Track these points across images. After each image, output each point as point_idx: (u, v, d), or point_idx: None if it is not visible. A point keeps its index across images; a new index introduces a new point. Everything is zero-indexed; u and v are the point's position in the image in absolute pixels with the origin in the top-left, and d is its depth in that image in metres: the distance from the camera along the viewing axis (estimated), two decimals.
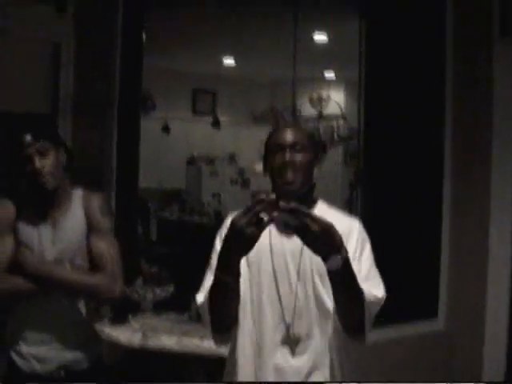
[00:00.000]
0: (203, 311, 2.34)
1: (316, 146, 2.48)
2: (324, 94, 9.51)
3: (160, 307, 4.44)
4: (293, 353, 2.34)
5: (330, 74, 10.28)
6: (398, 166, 5.09)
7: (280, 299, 2.34)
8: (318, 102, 9.43)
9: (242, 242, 2.02)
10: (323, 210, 2.39)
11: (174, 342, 3.83)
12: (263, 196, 2.02)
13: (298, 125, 2.27)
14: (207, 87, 10.89)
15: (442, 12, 5.22)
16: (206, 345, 3.72)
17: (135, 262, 2.77)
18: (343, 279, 2.08)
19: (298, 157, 2.34)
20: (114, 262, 2.71)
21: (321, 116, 9.23)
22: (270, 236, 2.35)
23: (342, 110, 9.26)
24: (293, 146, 2.35)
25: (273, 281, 2.35)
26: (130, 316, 4.13)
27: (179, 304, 4.41)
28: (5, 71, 7.82)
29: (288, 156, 2.33)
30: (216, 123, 9.48)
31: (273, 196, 2.01)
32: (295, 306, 2.33)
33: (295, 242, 2.14)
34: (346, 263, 2.03)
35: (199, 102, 11.30)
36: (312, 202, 2.45)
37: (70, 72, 4.94)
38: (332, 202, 2.52)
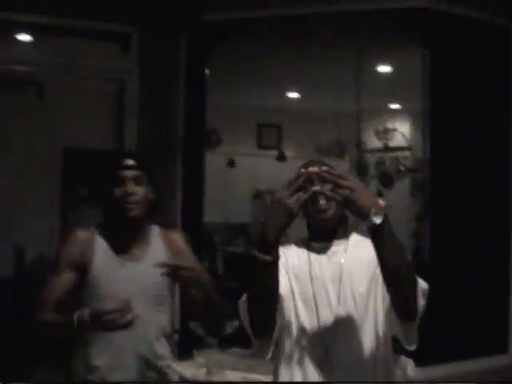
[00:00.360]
0: (242, 310, 2.38)
1: None
2: (389, 125, 9.41)
3: (225, 342, 4.42)
4: (331, 376, 2.33)
5: (395, 106, 10.21)
6: (466, 197, 5.01)
7: (319, 324, 2.36)
8: (384, 134, 9.33)
9: (282, 213, 2.13)
10: (357, 240, 2.50)
11: (238, 377, 3.80)
12: (303, 171, 2.25)
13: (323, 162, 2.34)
14: (272, 121, 10.91)
15: (508, 41, 5.16)
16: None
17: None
18: (386, 238, 2.11)
19: (328, 187, 2.33)
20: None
21: (387, 148, 9.12)
22: (310, 261, 2.44)
23: (407, 141, 9.14)
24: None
25: (313, 306, 2.38)
26: (194, 351, 4.12)
27: (244, 339, 4.38)
28: (71, 108, 8.06)
29: (319, 186, 2.34)
30: (281, 157, 9.47)
31: (314, 169, 2.22)
32: (335, 330, 2.35)
33: (335, 266, 2.36)
34: (385, 220, 2.08)
35: (264, 136, 11.33)
36: (346, 234, 2.52)
37: (135, 109, 5.03)
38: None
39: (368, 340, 2.36)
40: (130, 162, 2.71)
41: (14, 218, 7.60)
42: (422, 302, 2.23)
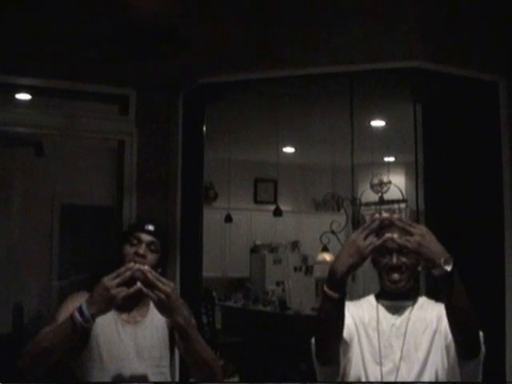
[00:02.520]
0: (313, 345, 2.45)
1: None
2: (384, 178, 9.51)
3: None
4: None
5: (389, 159, 10.33)
6: (460, 248, 5.06)
7: (383, 375, 2.47)
8: (379, 187, 9.42)
9: (355, 254, 2.26)
10: (424, 302, 2.62)
11: None
12: (378, 216, 2.35)
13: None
14: (268, 176, 11.03)
15: (496, 94, 5.29)
16: None
17: None
18: (455, 284, 2.24)
19: (404, 259, 2.52)
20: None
21: (382, 201, 9.21)
22: (378, 318, 2.56)
23: (403, 193, 9.23)
24: (400, 250, 2.50)
25: (378, 358, 2.50)
26: None
27: None
28: (73, 166, 8.15)
29: (395, 259, 2.51)
30: (278, 211, 9.52)
31: (386, 215, 2.34)
32: (396, 382, 2.45)
33: (401, 323, 2.50)
34: (453, 269, 2.22)
35: (261, 190, 11.44)
36: (414, 296, 2.62)
37: (134, 168, 5.10)
38: None
39: None
40: (150, 227, 2.78)
41: (13, 275, 7.63)
42: (483, 347, 2.35)
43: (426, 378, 2.45)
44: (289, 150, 10.22)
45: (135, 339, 2.71)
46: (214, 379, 2.65)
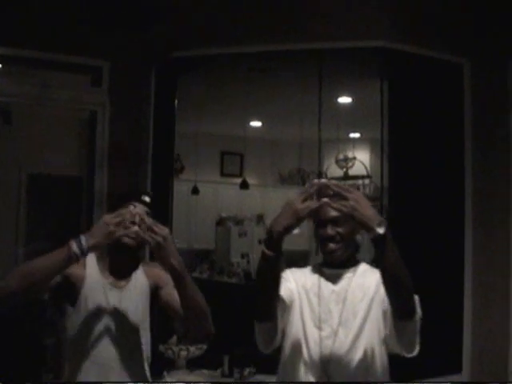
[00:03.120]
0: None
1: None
2: (349, 154, 9.63)
3: (193, 364, 4.55)
4: None
5: (355, 135, 10.43)
6: (422, 222, 5.20)
7: (321, 340, 2.57)
8: (344, 163, 9.56)
9: (291, 215, 2.31)
10: (365, 269, 2.69)
11: None
12: (316, 181, 2.36)
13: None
14: (235, 149, 11.06)
15: (460, 75, 5.41)
16: None
17: (169, 321, 2.90)
18: (388, 246, 2.28)
19: (339, 229, 2.60)
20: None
21: (347, 176, 9.34)
22: (320, 285, 2.65)
23: (367, 169, 9.37)
24: (334, 221, 2.60)
25: (318, 323, 2.59)
26: (165, 372, 4.23)
27: (212, 361, 4.53)
28: (44, 136, 8.12)
29: (329, 230, 2.59)
30: (244, 184, 9.60)
31: (324, 180, 2.35)
32: (333, 346, 2.55)
33: (340, 291, 2.59)
34: (387, 230, 2.26)
35: (227, 164, 11.48)
36: (354, 263, 2.70)
37: (106, 139, 5.13)
38: (360, 258, 2.75)
39: (363, 356, 2.55)
40: (147, 198, 2.86)
41: None
42: (419, 310, 2.46)
43: (361, 344, 2.55)
44: (256, 124, 10.27)
45: (120, 302, 2.80)
46: (207, 322, 2.75)
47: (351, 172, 9.37)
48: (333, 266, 2.67)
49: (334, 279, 2.66)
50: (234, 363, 4.49)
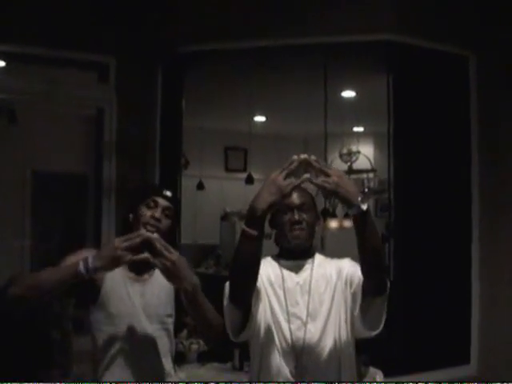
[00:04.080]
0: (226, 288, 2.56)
1: (316, 206, 2.80)
2: (353, 148, 9.59)
3: (204, 358, 4.57)
4: (302, 378, 2.57)
5: (359, 129, 10.41)
6: (429, 217, 5.21)
7: (291, 333, 2.61)
8: (348, 157, 9.52)
9: (275, 192, 2.35)
10: (321, 259, 2.76)
11: None
12: (296, 157, 2.40)
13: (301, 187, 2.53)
14: (239, 145, 11.05)
15: (466, 68, 5.41)
16: None
17: (180, 315, 2.93)
18: (368, 223, 2.32)
19: (305, 215, 2.67)
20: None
21: (351, 170, 9.30)
22: (282, 276, 2.70)
23: (371, 163, 9.34)
24: (300, 207, 2.67)
25: (286, 315, 2.64)
26: (175, 366, 4.24)
27: (222, 354, 4.55)
28: (50, 134, 8.12)
29: (297, 216, 2.65)
30: (250, 179, 9.57)
31: (304, 156, 2.40)
32: (304, 339, 2.60)
33: (304, 281, 2.64)
34: (368, 209, 2.30)
35: (231, 159, 11.47)
36: (312, 254, 2.77)
37: (113, 135, 5.14)
38: None
39: (333, 344, 2.60)
40: (168, 193, 2.90)
41: None
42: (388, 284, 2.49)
43: (330, 333, 2.60)
44: (260, 118, 10.26)
45: (142, 297, 2.83)
46: (218, 338, 2.77)
47: (355, 166, 9.33)
48: (292, 257, 2.72)
49: (295, 270, 2.70)
50: (245, 356, 4.52)
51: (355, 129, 10.35)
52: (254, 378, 2.71)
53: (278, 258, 2.77)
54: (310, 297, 2.63)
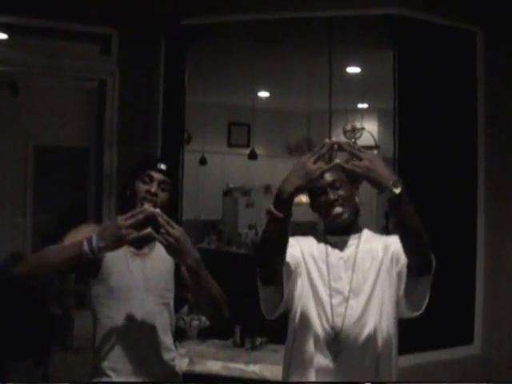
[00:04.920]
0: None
1: (352, 177, 2.69)
2: (357, 124, 9.56)
3: (205, 334, 4.56)
4: (336, 359, 2.54)
5: (363, 105, 10.37)
6: (433, 194, 5.17)
7: (332, 307, 2.58)
8: (352, 133, 9.49)
9: (303, 176, 2.29)
10: (368, 235, 2.71)
11: (219, 367, 3.94)
12: (328, 141, 2.32)
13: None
14: (242, 120, 11.00)
15: (473, 43, 5.34)
16: (251, 369, 3.83)
17: (181, 291, 2.91)
18: (405, 205, 2.28)
19: (340, 192, 2.62)
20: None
21: None
22: (327, 252, 2.66)
23: (375, 140, 9.32)
24: (332, 185, 2.61)
25: (328, 289, 2.61)
26: (176, 342, 4.24)
27: (223, 331, 4.54)
28: (52, 107, 8.09)
29: (331, 195, 2.60)
30: (253, 155, 9.55)
31: (335, 139, 2.34)
32: (345, 315, 2.56)
33: (348, 257, 2.60)
34: (402, 191, 2.25)
35: (234, 134, 11.43)
36: (358, 230, 2.72)
37: (115, 108, 5.10)
38: (369, 229, 2.75)
39: (374, 322, 2.56)
40: (163, 166, 2.84)
41: None
42: (434, 264, 2.46)
43: (372, 310, 2.56)
44: (264, 94, 10.21)
45: (143, 271, 2.81)
46: (222, 315, 2.75)
47: (359, 142, 9.29)
48: (337, 233, 2.67)
49: (340, 246, 2.66)
50: (246, 333, 4.51)
51: (359, 105, 10.31)
52: (287, 353, 2.69)
53: (324, 234, 2.74)
54: (354, 272, 2.59)
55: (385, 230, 7.26)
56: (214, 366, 3.96)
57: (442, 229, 5.16)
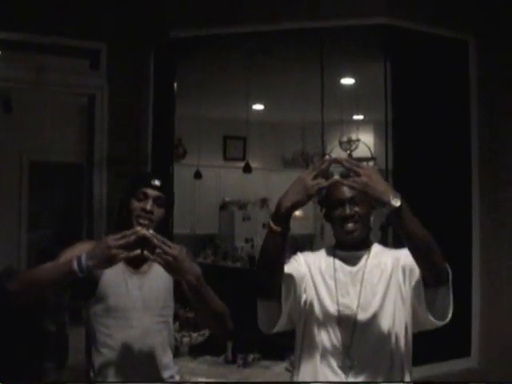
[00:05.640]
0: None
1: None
2: (353, 136, 9.54)
3: (196, 351, 4.50)
4: (347, 375, 2.49)
5: (358, 117, 10.35)
6: (428, 207, 5.13)
7: (339, 322, 2.52)
8: (348, 145, 9.47)
9: (301, 191, 2.29)
10: (378, 249, 2.66)
11: None
12: (327, 157, 2.38)
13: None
14: (237, 133, 10.98)
15: (465, 53, 5.33)
16: None
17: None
18: (407, 216, 2.27)
19: (357, 209, 2.57)
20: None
21: (351, 158, 9.24)
22: (334, 267, 2.61)
23: (371, 151, 9.29)
24: (351, 201, 2.57)
25: (335, 304, 2.55)
26: None
27: (215, 347, 4.48)
28: (45, 123, 8.05)
29: (348, 210, 2.56)
30: (247, 168, 9.52)
31: (334, 156, 2.25)
32: (354, 329, 2.51)
33: (357, 272, 2.56)
34: (403, 200, 2.23)
35: (230, 148, 11.41)
36: (369, 245, 2.66)
37: (104, 123, 5.08)
38: None
39: (384, 337, 2.51)
40: (157, 182, 2.80)
41: None
42: (450, 274, 2.40)
43: (381, 323, 2.51)
44: (258, 107, 10.19)
45: (141, 289, 2.77)
46: (226, 327, 2.72)
47: (355, 154, 9.28)
48: (347, 248, 2.63)
49: (349, 261, 2.62)
50: (238, 349, 4.45)
51: (355, 117, 10.29)
52: (295, 371, 2.65)
53: (333, 248, 2.70)
54: (362, 287, 2.55)
55: (381, 243, 7.22)
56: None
57: (438, 242, 5.11)
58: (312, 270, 2.62)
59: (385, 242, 6.04)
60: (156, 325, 2.77)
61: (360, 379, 2.48)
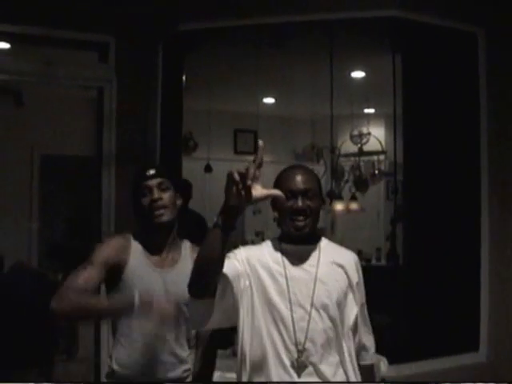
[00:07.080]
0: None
1: (321, 190, 2.66)
2: (364, 129, 9.49)
3: None
4: (299, 375, 2.46)
5: (369, 110, 10.31)
6: (437, 200, 5.12)
7: (294, 322, 2.47)
8: (359, 138, 9.42)
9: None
10: (326, 244, 2.63)
11: (217, 376, 3.87)
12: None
13: (307, 168, 2.46)
14: (248, 127, 10.94)
15: (475, 45, 5.30)
16: None
17: None
18: None
19: (309, 203, 2.53)
20: None
21: (361, 152, 9.20)
22: (284, 263, 2.55)
23: (382, 145, 9.24)
24: (305, 193, 2.53)
25: (288, 303, 2.49)
26: None
27: (222, 340, 4.47)
28: (55, 116, 8.07)
29: (300, 202, 2.51)
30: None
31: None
32: (308, 327, 2.47)
33: (310, 269, 2.52)
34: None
35: (240, 141, 11.39)
36: (317, 239, 2.64)
37: (113, 116, 5.08)
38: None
39: (339, 336, 2.51)
40: (151, 171, 2.86)
41: None
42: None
43: (336, 320, 2.50)
44: (269, 100, 10.17)
45: (164, 284, 2.83)
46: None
47: (366, 148, 9.24)
48: (294, 242, 2.56)
49: (299, 256, 2.55)
50: None
51: (366, 110, 10.24)
52: (240, 367, 2.56)
53: (279, 241, 2.62)
54: (316, 285, 2.50)
55: (390, 238, 7.22)
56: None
57: (447, 236, 5.10)
58: (256, 266, 2.53)
59: (395, 236, 6.05)
60: (176, 319, 2.82)
61: (312, 379, 2.45)
